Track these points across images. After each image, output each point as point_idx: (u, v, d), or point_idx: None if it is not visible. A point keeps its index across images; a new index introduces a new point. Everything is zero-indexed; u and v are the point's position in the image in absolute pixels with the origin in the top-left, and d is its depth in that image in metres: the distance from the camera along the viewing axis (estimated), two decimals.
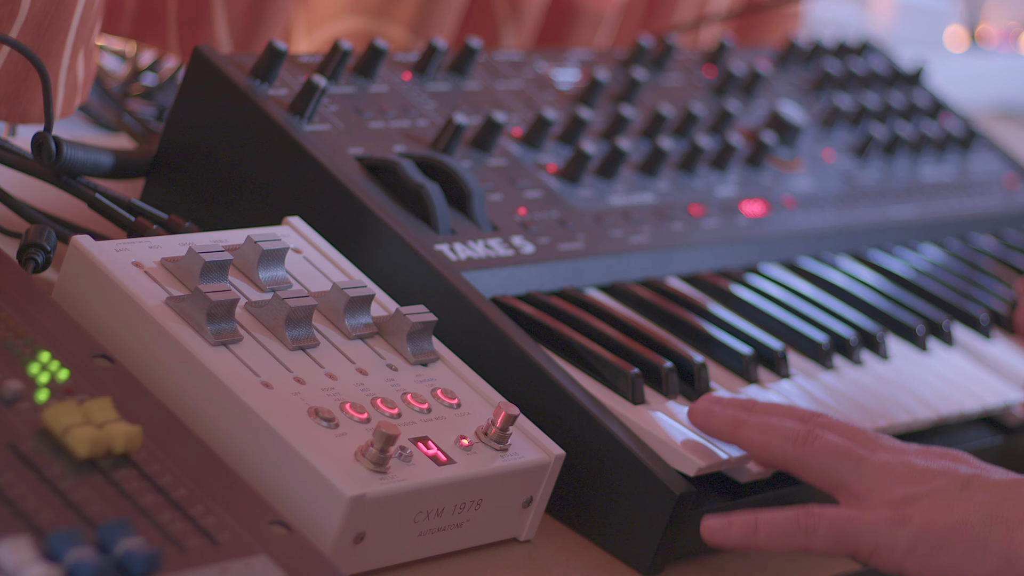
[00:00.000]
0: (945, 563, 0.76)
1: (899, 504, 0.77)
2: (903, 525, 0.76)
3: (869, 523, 0.76)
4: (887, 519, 0.76)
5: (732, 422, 0.80)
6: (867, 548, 0.77)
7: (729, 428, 0.80)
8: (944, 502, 0.76)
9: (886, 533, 0.76)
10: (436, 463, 0.73)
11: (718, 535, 0.78)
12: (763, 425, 0.79)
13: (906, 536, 0.76)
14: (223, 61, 0.87)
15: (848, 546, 0.77)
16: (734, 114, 1.07)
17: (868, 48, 1.26)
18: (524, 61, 1.03)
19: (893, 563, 0.76)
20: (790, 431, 0.79)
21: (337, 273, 0.82)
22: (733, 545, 0.78)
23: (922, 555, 0.76)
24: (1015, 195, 1.21)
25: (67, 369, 0.68)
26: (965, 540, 0.76)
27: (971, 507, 0.76)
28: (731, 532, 0.78)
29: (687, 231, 0.98)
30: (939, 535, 0.76)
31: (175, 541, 0.62)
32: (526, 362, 0.80)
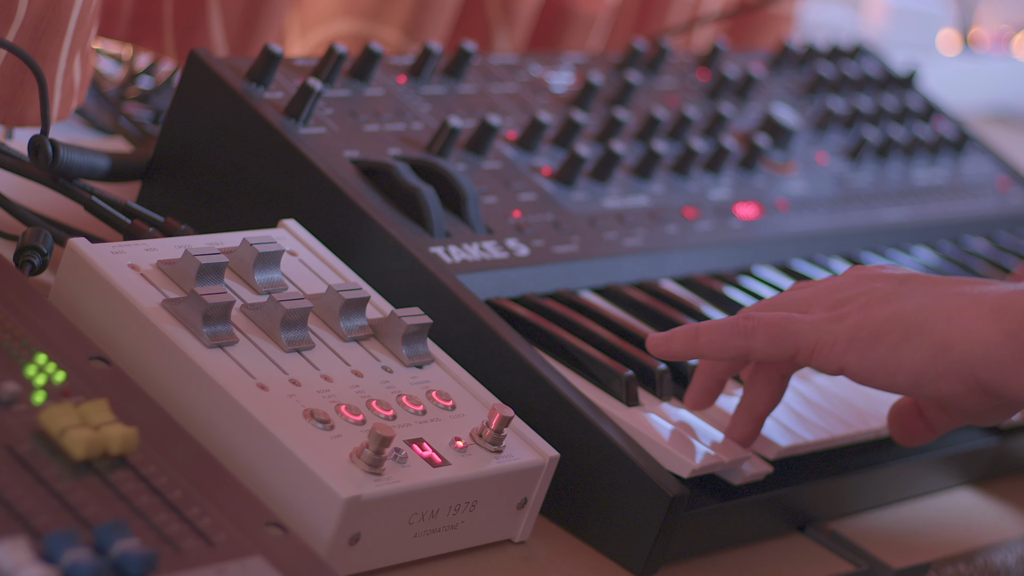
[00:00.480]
0: (883, 352, 0.76)
1: (837, 304, 0.77)
2: (841, 321, 0.76)
3: (807, 322, 0.77)
4: (825, 317, 0.77)
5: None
6: (807, 347, 0.77)
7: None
8: (880, 298, 0.77)
9: (824, 330, 0.76)
10: (431, 465, 0.73)
11: (661, 346, 0.79)
12: (709, 325, 0.79)
13: (844, 330, 0.76)
14: (219, 64, 0.87)
15: (787, 346, 0.77)
16: (727, 117, 1.07)
17: (861, 51, 1.26)
18: (518, 64, 1.03)
19: (833, 359, 0.77)
20: (730, 324, 0.79)
21: (332, 275, 0.82)
22: (676, 353, 0.79)
23: (860, 347, 0.76)
24: (1007, 198, 1.22)
25: (64, 371, 0.68)
26: (902, 328, 0.76)
27: (908, 301, 0.76)
28: (673, 342, 0.78)
29: (681, 234, 0.98)
30: (876, 326, 0.76)
31: (171, 542, 0.63)
32: (520, 364, 0.81)
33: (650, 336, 0.79)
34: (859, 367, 0.76)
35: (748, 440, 0.82)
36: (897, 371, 0.76)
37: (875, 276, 0.79)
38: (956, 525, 0.91)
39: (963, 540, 0.90)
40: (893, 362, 0.76)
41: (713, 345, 0.78)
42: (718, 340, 0.78)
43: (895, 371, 0.76)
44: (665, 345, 0.78)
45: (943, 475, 0.95)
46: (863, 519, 0.90)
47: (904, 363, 0.76)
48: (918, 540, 0.90)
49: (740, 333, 0.77)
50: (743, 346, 0.77)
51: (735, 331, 0.77)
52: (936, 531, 0.92)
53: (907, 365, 0.76)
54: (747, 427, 0.82)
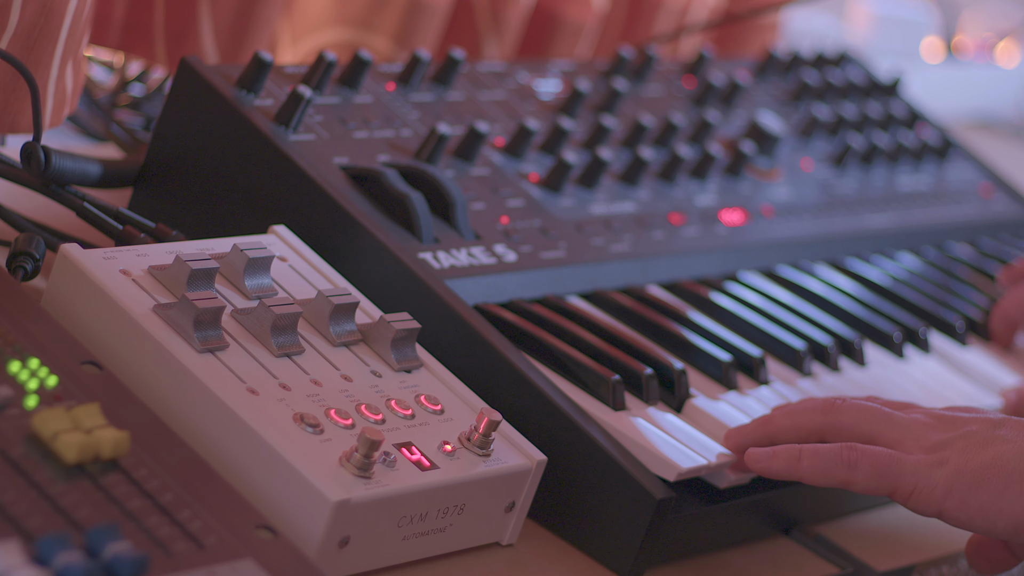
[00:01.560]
0: (984, 499, 0.77)
1: (935, 448, 0.78)
2: (941, 466, 0.78)
3: (909, 463, 0.78)
4: (926, 461, 0.78)
5: (760, 422, 0.81)
6: (906, 488, 0.78)
7: (760, 427, 0.81)
8: (978, 443, 0.78)
9: (925, 474, 0.77)
10: (420, 468, 0.74)
11: (762, 463, 0.79)
12: (788, 411, 0.81)
13: (944, 476, 0.77)
14: (210, 72, 0.87)
15: (888, 484, 0.78)
16: (713, 124, 1.08)
17: (846, 59, 1.26)
18: (506, 72, 1.04)
19: (933, 503, 0.78)
20: (816, 403, 0.81)
21: (322, 281, 0.82)
22: (776, 473, 0.79)
23: (961, 493, 0.77)
24: (990, 204, 1.22)
25: (56, 376, 0.68)
26: (1002, 476, 0.77)
27: (1005, 445, 0.78)
28: (775, 462, 0.79)
29: (667, 239, 0.98)
30: (976, 473, 0.77)
31: (162, 545, 0.63)
32: (508, 369, 0.81)
33: (751, 451, 0.80)
34: (958, 513, 0.78)
35: (742, 451, 0.82)
36: (997, 519, 0.77)
37: (968, 419, 0.80)
38: (940, 528, 0.90)
39: (947, 543, 0.90)
40: (993, 510, 0.77)
41: (816, 472, 0.79)
42: (821, 468, 0.78)
43: (995, 519, 0.77)
44: (766, 463, 0.79)
45: None
46: (848, 522, 0.90)
47: (1004, 511, 0.77)
48: (902, 543, 0.91)
49: (844, 464, 0.78)
50: (845, 477, 0.78)
51: (839, 461, 0.78)
52: (920, 534, 0.92)
53: (1007, 513, 0.77)
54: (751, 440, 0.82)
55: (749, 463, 0.79)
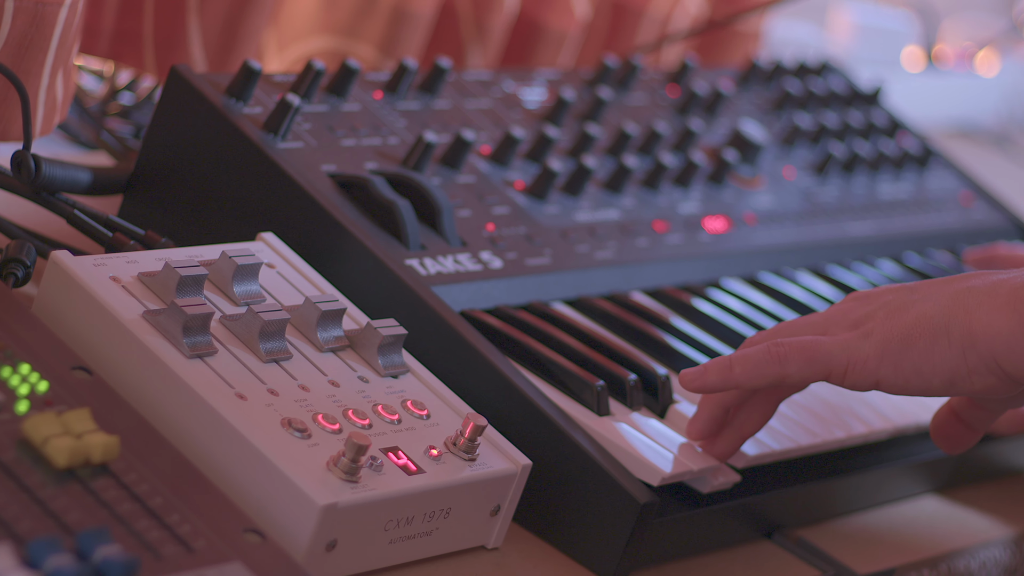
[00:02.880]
0: (915, 359, 0.78)
1: (857, 323, 0.79)
2: (867, 337, 0.78)
3: (837, 343, 0.78)
4: (852, 337, 0.78)
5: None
6: (839, 366, 0.78)
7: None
8: (899, 307, 0.78)
9: (854, 348, 0.78)
10: (406, 472, 0.74)
11: (696, 380, 0.79)
12: (742, 357, 0.80)
13: (873, 345, 0.78)
14: (199, 80, 0.87)
15: (821, 367, 0.78)
16: (697, 132, 1.08)
17: (827, 68, 1.27)
18: (492, 81, 1.04)
19: (868, 374, 0.78)
20: (762, 353, 0.80)
21: (310, 287, 0.83)
22: (712, 385, 0.79)
23: (892, 358, 0.78)
24: (971, 212, 1.22)
25: (47, 381, 0.69)
26: (928, 333, 0.78)
27: (926, 304, 0.78)
28: (708, 375, 0.79)
29: (651, 247, 0.99)
30: (902, 335, 0.78)
31: (152, 549, 0.63)
32: (494, 374, 0.81)
33: (683, 372, 0.80)
34: (894, 378, 0.78)
35: (727, 456, 0.83)
36: (932, 374, 0.78)
37: (884, 290, 0.80)
38: (920, 531, 0.91)
39: (927, 546, 0.91)
40: (927, 366, 0.77)
41: (748, 374, 0.79)
42: (753, 369, 0.79)
43: (929, 375, 0.78)
44: (700, 379, 0.79)
45: (907, 483, 0.96)
46: (829, 526, 0.91)
47: (936, 365, 0.77)
48: (883, 546, 0.91)
49: (775, 360, 0.78)
50: (778, 372, 0.78)
51: (769, 358, 0.78)
52: (900, 537, 0.92)
53: (940, 367, 0.77)
54: (731, 445, 0.83)
55: (684, 383, 0.79)
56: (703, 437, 0.83)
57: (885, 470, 0.94)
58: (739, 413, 0.82)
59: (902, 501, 0.96)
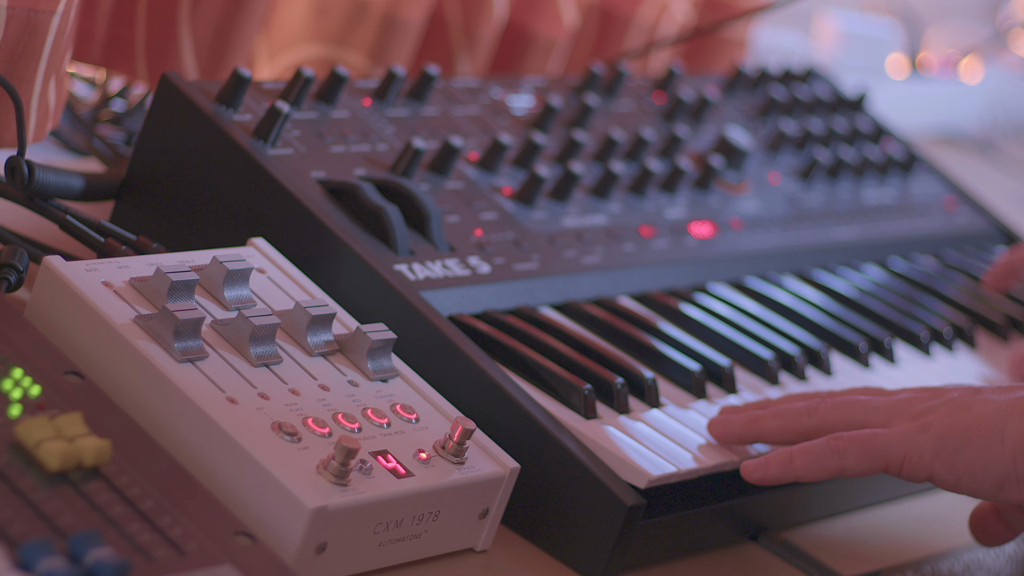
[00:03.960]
0: (970, 459, 0.79)
1: (919, 415, 0.81)
2: (925, 431, 0.80)
3: (895, 436, 0.80)
4: (910, 429, 0.80)
5: (749, 420, 0.84)
6: (896, 460, 0.80)
7: (749, 426, 0.83)
8: (961, 406, 0.80)
9: (911, 442, 0.80)
10: (395, 476, 0.74)
11: (758, 472, 0.81)
12: (777, 411, 0.84)
13: (930, 440, 0.80)
14: (189, 88, 0.88)
15: (878, 461, 0.80)
16: (683, 139, 1.09)
17: (812, 75, 1.27)
18: (480, 87, 1.04)
19: (923, 468, 0.80)
20: (801, 407, 0.83)
21: (300, 292, 0.83)
22: (773, 479, 0.81)
23: (948, 455, 0.79)
24: (954, 217, 1.23)
25: (39, 385, 0.69)
26: (985, 435, 0.79)
27: (986, 407, 0.80)
28: (769, 468, 0.81)
29: (638, 252, 0.99)
30: (960, 434, 0.79)
31: (143, 551, 0.64)
32: (482, 378, 0.82)
33: (745, 463, 0.82)
34: (947, 475, 0.80)
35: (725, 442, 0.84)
36: (984, 477, 0.80)
37: (949, 388, 0.82)
38: (905, 534, 0.92)
39: (912, 549, 0.91)
40: (979, 468, 0.79)
41: (809, 468, 0.81)
42: (814, 463, 0.81)
43: (981, 477, 0.80)
44: (761, 471, 0.81)
45: (892, 486, 0.96)
46: (814, 528, 0.91)
47: (989, 468, 0.79)
48: (868, 549, 0.91)
49: (834, 454, 0.80)
50: (838, 465, 0.81)
51: (829, 452, 0.80)
52: (885, 540, 0.93)
53: (992, 470, 0.79)
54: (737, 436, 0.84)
55: (746, 474, 0.82)
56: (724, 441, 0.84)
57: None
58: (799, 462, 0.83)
59: (887, 504, 0.96)
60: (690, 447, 0.84)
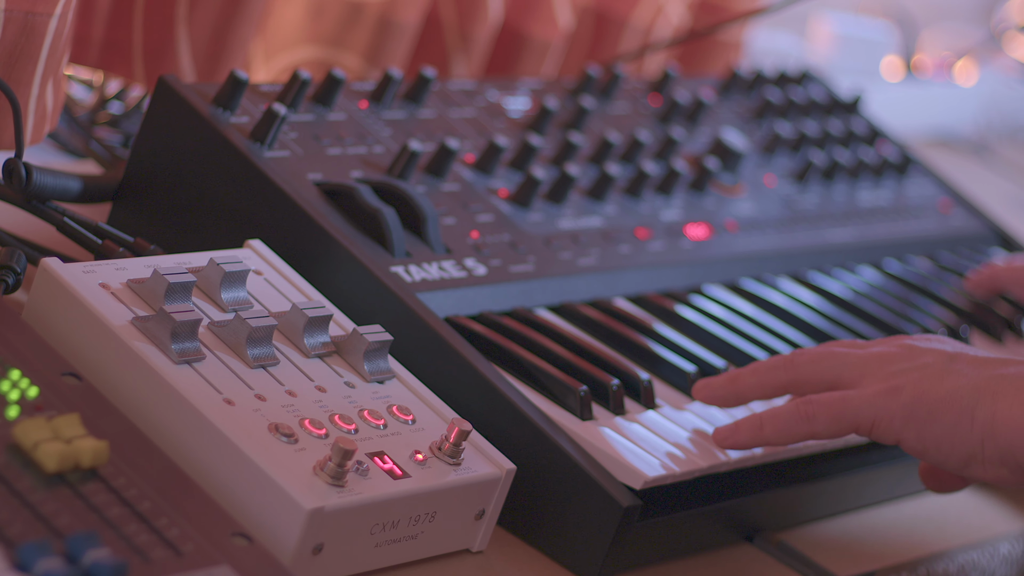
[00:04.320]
0: (937, 432, 0.79)
1: (890, 377, 0.81)
2: (896, 395, 0.80)
3: (864, 398, 0.80)
4: (881, 391, 0.80)
5: (729, 379, 0.84)
6: (866, 423, 0.80)
7: (728, 384, 0.84)
8: (934, 375, 0.80)
9: (881, 405, 0.80)
10: (392, 477, 0.75)
11: (729, 439, 0.82)
12: (753, 367, 0.84)
13: (901, 405, 0.80)
14: (187, 90, 0.88)
15: (847, 424, 0.80)
16: (678, 141, 1.09)
17: (808, 77, 1.28)
18: (476, 90, 1.05)
19: (892, 432, 0.80)
20: (777, 361, 0.84)
21: (296, 294, 0.83)
22: (743, 444, 0.81)
23: (917, 424, 0.80)
24: (949, 219, 1.23)
25: (37, 387, 0.69)
26: (955, 411, 0.79)
27: (959, 380, 0.80)
28: (739, 434, 0.82)
29: (633, 253, 0.99)
30: (931, 405, 0.79)
31: (140, 552, 0.64)
32: (478, 380, 0.82)
33: (716, 429, 0.82)
34: (916, 442, 0.80)
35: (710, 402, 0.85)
36: (950, 452, 0.80)
37: (925, 350, 0.82)
38: (900, 535, 0.92)
39: (907, 549, 0.92)
40: (947, 443, 0.80)
41: (779, 432, 0.81)
42: (783, 427, 0.81)
43: (948, 452, 0.80)
44: (732, 437, 0.82)
45: (887, 486, 0.97)
46: (810, 529, 0.91)
47: (956, 445, 0.79)
48: (863, 549, 0.92)
49: (803, 419, 0.81)
50: (808, 430, 0.81)
51: (798, 417, 0.81)
52: (880, 541, 0.93)
53: (958, 447, 0.80)
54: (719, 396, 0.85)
55: (717, 440, 0.82)
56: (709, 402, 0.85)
57: (865, 473, 0.94)
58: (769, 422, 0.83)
59: (882, 504, 0.97)
60: (685, 448, 0.84)
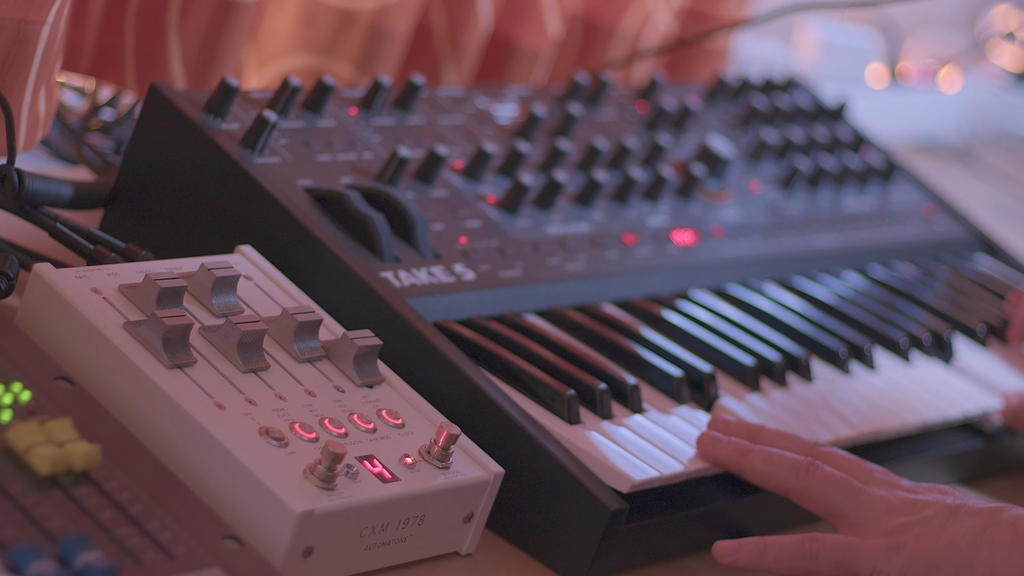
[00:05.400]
0: None
1: (893, 532, 0.82)
2: (898, 551, 0.81)
3: (868, 550, 0.81)
4: (884, 546, 0.81)
5: (738, 451, 0.84)
6: (865, 573, 0.81)
7: (735, 457, 0.84)
8: (934, 529, 0.81)
9: (883, 559, 0.81)
10: (381, 480, 0.75)
11: (729, 556, 0.82)
12: (767, 455, 0.84)
13: (901, 561, 0.81)
14: (178, 97, 0.88)
15: (847, 570, 0.81)
16: (665, 147, 1.09)
17: (793, 84, 1.28)
18: (465, 97, 1.05)
19: None
20: (793, 462, 0.84)
21: (287, 299, 0.84)
22: (743, 566, 0.82)
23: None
24: (933, 225, 1.24)
25: (29, 391, 0.69)
26: (954, 563, 0.80)
27: (958, 532, 0.81)
28: (742, 554, 0.82)
29: (620, 259, 1.00)
30: (930, 559, 0.81)
31: (132, 555, 0.64)
32: (467, 384, 0.82)
33: (718, 544, 0.83)
34: None
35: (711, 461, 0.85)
36: None
37: (928, 504, 0.83)
38: None
39: None
40: None
41: (780, 562, 0.82)
42: (784, 559, 0.82)
43: None
44: (732, 556, 0.82)
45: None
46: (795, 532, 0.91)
47: None
48: None
49: (806, 555, 0.81)
50: (808, 568, 0.82)
51: (802, 553, 0.82)
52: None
53: None
54: (723, 461, 0.85)
55: (717, 555, 0.83)
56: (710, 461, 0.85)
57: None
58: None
59: None
60: (672, 452, 0.85)
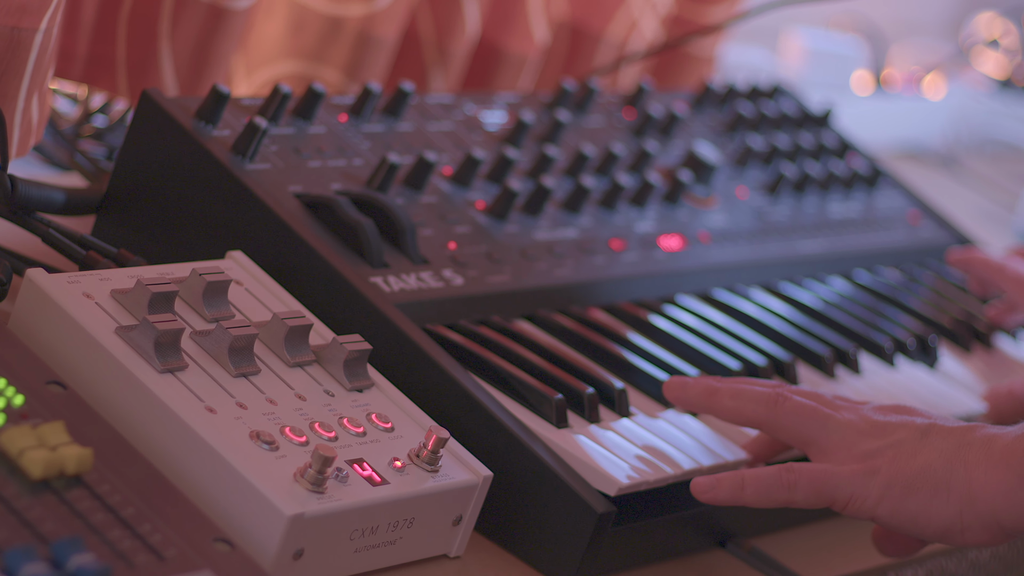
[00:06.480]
0: (913, 507, 0.81)
1: (867, 457, 0.82)
2: (873, 476, 0.81)
3: (844, 476, 0.81)
4: (859, 471, 0.81)
5: (706, 391, 0.84)
6: (843, 499, 0.82)
7: (704, 396, 0.84)
8: (907, 452, 0.81)
9: (859, 484, 0.81)
10: (371, 484, 0.75)
11: (708, 492, 0.82)
12: (735, 391, 0.84)
13: (877, 485, 0.81)
14: (169, 104, 0.89)
15: (826, 498, 0.82)
16: (652, 154, 1.10)
17: (779, 91, 1.29)
18: (454, 104, 1.05)
19: (866, 510, 0.82)
20: (760, 395, 0.84)
21: (277, 304, 0.84)
22: (722, 501, 0.82)
23: (892, 501, 0.81)
24: (918, 231, 1.24)
25: (22, 395, 0.70)
26: (930, 485, 0.81)
27: (932, 454, 0.81)
28: (720, 489, 0.82)
29: (608, 264, 1.00)
30: (906, 482, 0.81)
31: (124, 557, 0.64)
32: (456, 388, 0.83)
33: (696, 480, 0.83)
34: (891, 519, 0.82)
35: (679, 403, 0.86)
36: (927, 524, 0.81)
37: (899, 425, 0.83)
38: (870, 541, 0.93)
39: (877, 555, 0.91)
40: (923, 517, 0.81)
41: (759, 495, 0.82)
42: (763, 491, 0.82)
43: (925, 525, 0.81)
44: (711, 492, 0.82)
45: None
46: (782, 535, 0.92)
47: (933, 517, 0.81)
48: (834, 555, 0.93)
49: (783, 486, 0.82)
50: (786, 498, 0.82)
51: (779, 484, 0.82)
52: (851, 546, 0.93)
53: (936, 519, 0.81)
54: (692, 403, 0.85)
55: (695, 492, 0.82)
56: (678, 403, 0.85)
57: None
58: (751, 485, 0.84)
59: None
60: (659, 455, 0.85)
